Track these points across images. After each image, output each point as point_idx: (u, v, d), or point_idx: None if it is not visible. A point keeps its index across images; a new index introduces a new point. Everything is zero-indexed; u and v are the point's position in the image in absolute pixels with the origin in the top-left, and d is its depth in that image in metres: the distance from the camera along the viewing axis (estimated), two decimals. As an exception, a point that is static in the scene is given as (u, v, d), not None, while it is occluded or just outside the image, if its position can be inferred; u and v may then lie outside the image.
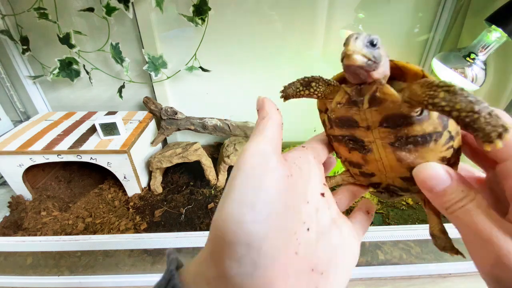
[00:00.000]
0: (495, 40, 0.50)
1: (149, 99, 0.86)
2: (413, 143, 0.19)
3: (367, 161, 0.22)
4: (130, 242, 0.59)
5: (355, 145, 0.22)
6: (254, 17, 0.79)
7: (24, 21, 0.76)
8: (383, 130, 0.20)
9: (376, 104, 0.19)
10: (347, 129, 0.21)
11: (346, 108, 0.20)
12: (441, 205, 0.19)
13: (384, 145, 0.20)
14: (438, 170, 0.19)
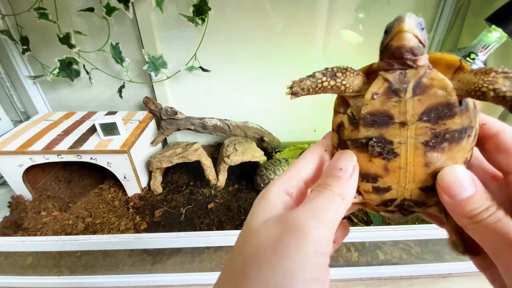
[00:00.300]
0: (495, 40, 0.50)
1: (149, 99, 0.86)
2: (449, 140, 0.18)
3: (388, 171, 0.20)
4: (130, 242, 0.59)
5: (382, 148, 0.19)
6: (254, 17, 0.79)
7: (24, 21, 0.76)
8: (421, 126, 0.18)
9: (422, 92, 0.17)
10: (377, 128, 0.19)
11: (383, 99, 0.18)
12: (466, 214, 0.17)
13: (416, 146, 0.18)
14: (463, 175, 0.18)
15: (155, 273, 0.68)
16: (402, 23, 0.17)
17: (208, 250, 0.69)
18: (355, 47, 0.84)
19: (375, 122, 0.19)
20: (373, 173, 0.20)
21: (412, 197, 0.21)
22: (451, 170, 0.18)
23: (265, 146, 0.92)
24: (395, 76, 0.18)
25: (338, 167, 0.19)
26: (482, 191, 0.17)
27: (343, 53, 0.86)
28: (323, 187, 0.19)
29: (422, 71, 0.17)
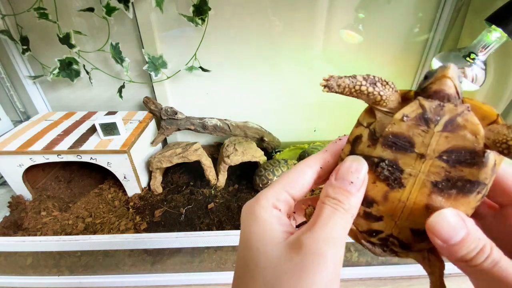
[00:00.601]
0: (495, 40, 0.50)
1: (149, 99, 0.86)
2: (458, 189, 0.17)
3: (386, 199, 0.19)
4: (130, 242, 0.59)
5: (391, 174, 0.18)
6: (254, 17, 0.79)
7: (24, 21, 0.76)
8: (437, 164, 0.17)
9: (452, 129, 0.17)
10: (395, 152, 0.18)
11: (411, 124, 0.18)
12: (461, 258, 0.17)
13: (424, 183, 0.18)
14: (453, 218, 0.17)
15: (155, 273, 0.68)
16: (447, 70, 0.16)
17: (208, 250, 0.69)
18: (355, 47, 0.84)
19: (394, 145, 0.18)
20: (371, 196, 0.20)
21: (400, 236, 0.20)
22: (441, 215, 0.17)
23: (265, 146, 0.92)
24: (432, 105, 0.17)
25: (349, 180, 0.19)
26: (474, 231, 0.17)
27: (343, 53, 0.86)
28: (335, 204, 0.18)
29: (460, 110, 0.17)
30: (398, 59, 0.86)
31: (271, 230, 0.19)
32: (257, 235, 0.19)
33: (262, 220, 0.19)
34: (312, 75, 0.89)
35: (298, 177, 0.21)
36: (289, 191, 0.20)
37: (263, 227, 0.19)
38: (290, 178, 0.21)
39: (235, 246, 0.64)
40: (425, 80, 0.18)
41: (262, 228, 0.19)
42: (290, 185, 0.21)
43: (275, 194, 0.20)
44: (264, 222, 0.19)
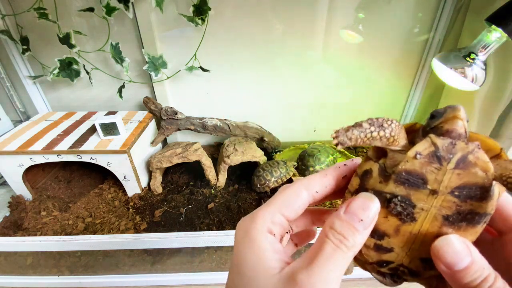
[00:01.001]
0: (495, 40, 0.50)
1: (149, 99, 0.86)
2: (468, 221, 0.18)
3: (398, 232, 0.19)
4: (130, 242, 0.59)
5: (403, 209, 0.18)
6: (254, 17, 0.79)
7: (24, 21, 0.76)
8: (449, 199, 0.18)
9: (463, 167, 0.17)
10: (407, 188, 0.18)
11: (424, 162, 0.18)
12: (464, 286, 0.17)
13: (436, 217, 0.18)
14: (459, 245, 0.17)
15: (155, 273, 0.68)
16: (459, 112, 0.18)
17: (208, 250, 0.69)
18: (355, 47, 0.84)
19: (407, 181, 0.18)
20: (382, 230, 0.20)
21: (410, 265, 0.20)
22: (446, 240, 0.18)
23: (265, 146, 0.92)
24: (444, 143, 0.18)
25: (359, 217, 0.18)
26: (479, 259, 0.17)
27: (343, 53, 0.86)
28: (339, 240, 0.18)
29: (471, 148, 0.17)
30: (398, 59, 0.86)
31: (266, 259, 0.18)
32: (251, 262, 0.19)
33: (257, 246, 0.19)
34: (312, 75, 0.89)
35: (293, 199, 0.21)
36: (283, 213, 0.20)
37: (258, 254, 0.19)
38: (286, 199, 0.21)
39: (235, 246, 0.64)
40: (433, 119, 0.19)
41: (257, 256, 0.19)
42: (285, 207, 0.20)
43: (271, 216, 0.20)
44: (259, 249, 0.19)
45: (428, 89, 0.87)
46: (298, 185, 0.21)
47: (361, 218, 0.18)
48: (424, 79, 0.87)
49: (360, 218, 0.18)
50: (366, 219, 0.18)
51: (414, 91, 0.91)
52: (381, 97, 0.94)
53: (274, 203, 0.21)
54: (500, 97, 0.65)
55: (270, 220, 0.20)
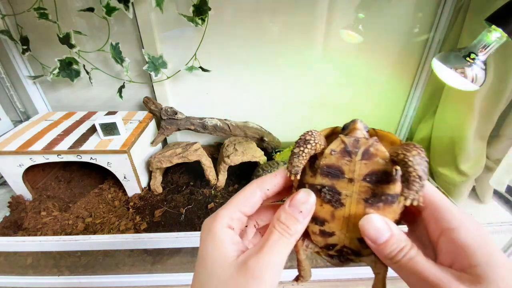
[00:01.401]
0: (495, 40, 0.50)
1: (149, 99, 0.86)
2: (383, 201, 0.22)
3: (334, 218, 0.23)
4: (130, 242, 0.59)
5: (332, 197, 0.23)
6: (254, 17, 0.79)
7: (24, 21, 0.76)
8: (363, 185, 0.22)
9: (367, 158, 0.22)
10: (331, 179, 0.23)
11: (339, 157, 0.23)
12: (386, 256, 0.20)
13: (358, 201, 0.22)
14: (379, 221, 0.21)
15: (155, 273, 0.68)
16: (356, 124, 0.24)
17: (208, 250, 0.69)
18: (355, 47, 0.84)
19: (329, 174, 0.23)
20: (321, 217, 0.24)
21: (351, 246, 0.24)
22: (368, 219, 0.21)
23: (265, 146, 0.92)
24: (350, 140, 0.23)
25: (299, 209, 0.22)
26: (397, 234, 0.21)
27: (343, 53, 0.86)
28: (283, 229, 0.22)
29: (371, 142, 0.22)
30: (398, 59, 0.86)
31: (224, 250, 0.22)
32: (212, 254, 0.22)
33: (217, 239, 0.22)
34: (312, 75, 0.89)
35: (248, 197, 0.24)
36: (241, 209, 0.24)
37: (218, 246, 0.22)
38: (242, 198, 0.24)
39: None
40: (343, 130, 0.25)
41: (217, 247, 0.22)
42: (242, 204, 0.24)
43: (230, 213, 0.23)
44: (218, 242, 0.22)
45: (428, 89, 0.87)
46: (253, 185, 0.25)
47: (300, 210, 0.22)
48: (424, 79, 0.87)
49: (300, 209, 0.22)
50: (305, 210, 0.22)
51: (414, 91, 0.91)
52: (381, 97, 0.94)
53: (232, 202, 0.24)
54: (500, 97, 0.65)
55: (229, 217, 0.23)
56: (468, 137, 0.71)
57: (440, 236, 0.20)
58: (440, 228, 0.20)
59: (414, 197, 0.20)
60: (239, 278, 0.20)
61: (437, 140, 0.83)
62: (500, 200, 0.80)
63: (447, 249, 0.20)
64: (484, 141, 0.73)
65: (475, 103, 0.67)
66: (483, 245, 0.19)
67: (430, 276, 0.18)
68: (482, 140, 0.73)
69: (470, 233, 0.19)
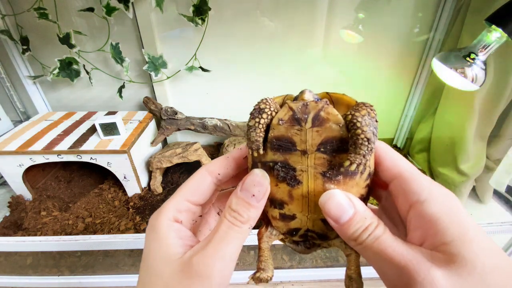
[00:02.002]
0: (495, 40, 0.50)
1: (149, 99, 0.86)
2: (343, 174, 0.19)
3: (292, 198, 0.21)
4: (130, 242, 0.59)
5: (286, 174, 0.20)
6: (254, 17, 0.79)
7: (24, 21, 0.76)
8: (319, 156, 0.20)
9: (319, 124, 0.19)
10: (282, 153, 0.20)
11: (287, 126, 0.20)
12: (350, 237, 0.18)
13: (315, 175, 0.20)
14: (340, 197, 0.19)
15: (155, 273, 0.68)
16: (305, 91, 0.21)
17: (208, 250, 0.69)
18: (355, 47, 0.84)
19: (280, 147, 0.20)
20: (279, 198, 0.21)
21: (315, 228, 0.22)
22: (329, 195, 0.19)
23: (265, 146, 0.92)
24: (298, 106, 0.20)
25: (251, 192, 0.20)
26: (361, 211, 0.18)
27: (343, 53, 0.86)
28: (234, 217, 0.19)
29: (321, 105, 0.19)
30: (398, 59, 0.86)
31: (168, 247, 0.19)
32: (154, 252, 0.19)
33: (160, 236, 0.20)
34: (312, 75, 0.89)
35: (197, 184, 0.22)
36: (190, 199, 0.21)
37: (160, 243, 0.19)
38: (190, 186, 0.22)
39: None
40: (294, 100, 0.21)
41: (160, 245, 0.19)
42: (190, 193, 0.22)
43: (176, 205, 0.21)
44: (161, 238, 0.20)
45: (428, 89, 0.87)
46: (202, 170, 0.22)
47: (253, 193, 0.20)
48: (424, 79, 0.87)
49: (252, 193, 0.20)
50: (258, 193, 0.20)
51: (414, 91, 0.91)
52: (381, 97, 0.94)
53: (179, 192, 0.22)
54: (500, 97, 0.65)
55: (175, 209, 0.21)
56: (468, 137, 0.71)
57: (409, 210, 0.18)
58: (409, 201, 0.18)
59: (361, 162, 0.18)
60: (183, 279, 0.18)
61: (437, 140, 0.83)
62: (500, 200, 0.80)
63: (417, 224, 0.17)
64: (484, 141, 0.73)
65: (475, 103, 0.67)
66: (455, 219, 0.16)
67: (397, 257, 0.16)
68: (482, 140, 0.73)
69: (441, 205, 0.17)
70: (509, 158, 0.67)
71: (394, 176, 0.19)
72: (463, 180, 0.76)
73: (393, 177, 0.19)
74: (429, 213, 0.17)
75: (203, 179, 0.22)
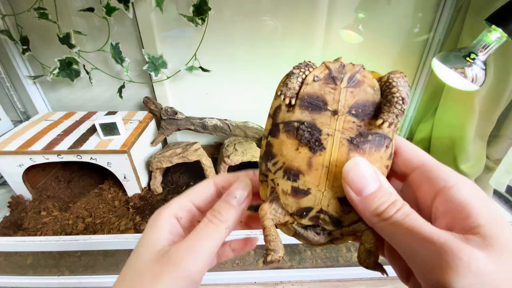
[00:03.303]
0: (495, 40, 0.50)
1: (149, 99, 0.86)
2: (370, 143, 0.19)
3: (311, 167, 0.20)
4: (130, 242, 0.59)
5: (311, 135, 0.19)
6: (254, 17, 0.79)
7: (24, 21, 0.76)
8: (348, 119, 0.19)
9: (355, 85, 0.19)
10: (311, 113, 0.20)
11: (322, 84, 0.20)
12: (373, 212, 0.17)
13: (341, 142, 0.19)
14: (366, 167, 0.18)
15: (155, 273, 0.68)
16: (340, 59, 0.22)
17: (208, 250, 0.69)
18: (355, 47, 0.84)
19: (310, 105, 0.20)
20: (296, 167, 0.20)
21: (329, 209, 0.20)
22: (356, 161, 0.18)
23: (265, 146, 0.92)
24: (335, 65, 0.21)
25: (233, 195, 0.22)
26: (387, 186, 0.18)
27: (343, 53, 0.86)
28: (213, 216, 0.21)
29: (358, 68, 0.20)
30: (398, 59, 0.86)
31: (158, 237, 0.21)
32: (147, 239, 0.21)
33: (157, 226, 0.21)
34: (312, 75, 0.89)
35: (201, 189, 0.24)
36: (193, 201, 0.24)
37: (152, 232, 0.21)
38: (195, 189, 0.24)
39: (235, 246, 0.64)
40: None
41: (153, 234, 0.21)
42: (194, 195, 0.24)
43: (181, 203, 0.23)
44: (157, 228, 0.21)
45: (428, 89, 0.87)
46: (209, 180, 0.25)
47: (235, 195, 0.22)
48: (424, 79, 0.87)
49: (234, 195, 0.22)
50: (239, 196, 0.22)
51: (414, 91, 0.91)
52: (381, 97, 0.94)
53: (185, 193, 0.24)
54: (500, 97, 0.65)
55: (178, 206, 0.23)
56: (468, 137, 0.71)
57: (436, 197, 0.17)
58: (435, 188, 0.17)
59: (393, 121, 0.18)
60: (155, 265, 0.19)
61: (437, 140, 0.83)
62: (500, 200, 0.80)
63: (445, 209, 0.17)
64: (484, 141, 0.73)
65: (475, 103, 0.67)
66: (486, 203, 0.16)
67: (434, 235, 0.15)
68: (482, 140, 0.73)
69: (470, 189, 0.17)
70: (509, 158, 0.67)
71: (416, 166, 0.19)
72: (463, 180, 0.76)
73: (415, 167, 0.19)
74: (460, 196, 0.16)
75: (208, 188, 0.25)
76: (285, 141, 0.20)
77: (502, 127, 0.72)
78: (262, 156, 0.22)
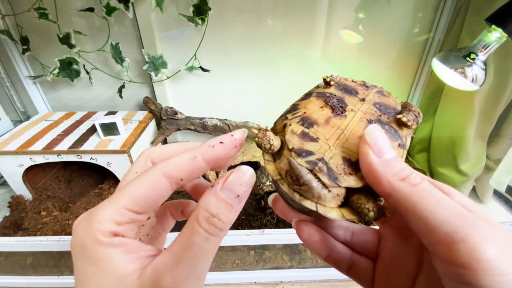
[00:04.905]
0: (495, 40, 0.50)
1: (149, 99, 0.86)
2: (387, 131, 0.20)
3: (328, 123, 0.20)
4: (130, 242, 0.59)
5: (338, 103, 0.22)
6: (254, 17, 0.79)
7: (24, 21, 0.76)
8: (372, 108, 0.22)
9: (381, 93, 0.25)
10: (343, 93, 0.23)
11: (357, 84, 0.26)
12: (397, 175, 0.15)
13: (362, 119, 0.21)
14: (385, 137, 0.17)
15: (155, 273, 0.68)
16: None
17: (208, 250, 0.68)
18: (355, 47, 0.84)
19: (344, 89, 0.24)
20: (314, 118, 0.21)
21: (330, 162, 0.19)
22: (376, 127, 0.17)
23: (265, 146, 0.92)
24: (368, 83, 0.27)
25: (236, 193, 0.16)
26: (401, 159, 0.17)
27: (343, 53, 0.86)
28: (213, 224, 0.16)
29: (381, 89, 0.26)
30: (398, 59, 0.86)
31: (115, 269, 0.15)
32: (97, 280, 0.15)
33: (99, 258, 0.15)
34: (312, 75, 0.89)
35: (146, 191, 0.16)
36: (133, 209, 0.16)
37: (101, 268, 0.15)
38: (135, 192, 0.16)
39: (235, 246, 0.64)
40: None
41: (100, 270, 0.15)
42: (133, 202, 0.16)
43: (112, 215, 0.15)
44: (103, 261, 0.15)
45: (428, 89, 0.87)
46: (156, 172, 0.17)
47: (238, 194, 0.16)
48: (424, 79, 0.87)
49: (237, 193, 0.16)
50: (243, 194, 0.17)
51: (414, 91, 0.91)
52: (381, 97, 0.94)
53: (118, 197, 0.16)
54: (500, 97, 0.65)
55: (112, 221, 0.15)
56: (468, 137, 0.71)
57: None
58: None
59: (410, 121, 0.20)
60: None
61: (437, 140, 0.83)
62: (500, 200, 0.80)
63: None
64: (484, 141, 0.73)
65: (475, 103, 0.67)
66: None
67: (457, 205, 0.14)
68: (482, 140, 0.73)
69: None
70: (509, 158, 0.67)
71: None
72: (463, 180, 0.76)
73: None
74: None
75: (156, 186, 0.16)
76: (313, 100, 0.23)
77: (502, 127, 0.72)
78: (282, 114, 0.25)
